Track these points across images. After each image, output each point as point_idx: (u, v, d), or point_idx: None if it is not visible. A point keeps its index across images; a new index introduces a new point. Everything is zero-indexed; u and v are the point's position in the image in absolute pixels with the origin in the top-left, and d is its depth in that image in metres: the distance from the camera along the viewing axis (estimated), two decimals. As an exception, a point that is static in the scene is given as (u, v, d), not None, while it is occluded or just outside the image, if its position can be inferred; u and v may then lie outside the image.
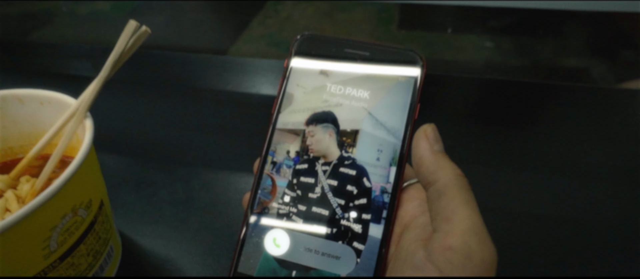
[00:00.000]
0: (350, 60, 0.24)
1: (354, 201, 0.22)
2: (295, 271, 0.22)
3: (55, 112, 0.29)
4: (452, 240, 0.17)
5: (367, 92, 0.24)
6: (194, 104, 0.54)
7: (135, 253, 0.35)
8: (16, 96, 0.30)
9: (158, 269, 0.34)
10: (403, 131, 0.23)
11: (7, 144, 0.32)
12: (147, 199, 0.41)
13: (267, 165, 0.24)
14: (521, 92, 0.55)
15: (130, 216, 0.39)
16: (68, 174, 0.22)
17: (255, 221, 0.23)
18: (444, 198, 0.19)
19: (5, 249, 0.21)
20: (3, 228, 0.19)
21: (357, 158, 0.23)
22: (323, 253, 0.22)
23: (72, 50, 0.67)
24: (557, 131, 0.49)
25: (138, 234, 0.37)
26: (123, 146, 0.48)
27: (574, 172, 0.43)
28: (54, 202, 0.22)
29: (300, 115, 0.24)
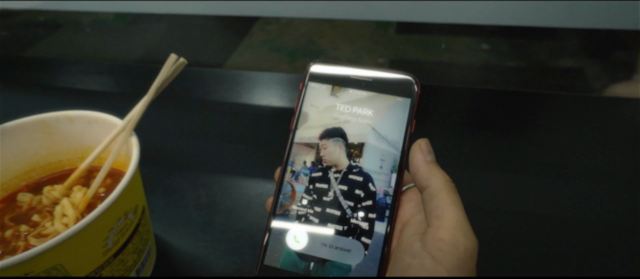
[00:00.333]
0: (356, 84, 0.28)
1: (361, 203, 0.27)
2: (312, 262, 0.26)
3: (102, 131, 0.34)
4: (443, 233, 0.22)
5: (371, 111, 0.28)
6: (211, 116, 0.59)
7: (168, 252, 0.40)
8: (67, 116, 0.35)
9: (188, 266, 0.39)
10: (402, 143, 0.27)
11: (58, 158, 0.36)
12: (175, 203, 0.45)
13: (287, 173, 0.28)
14: (511, 100, 0.59)
15: (161, 219, 0.43)
16: (123, 185, 0.27)
17: (277, 222, 0.27)
18: (436, 200, 0.23)
19: (78, 245, 0.25)
20: (81, 227, 0.24)
21: (363, 166, 0.27)
22: (336, 247, 0.26)
23: (96, 66, 0.72)
24: (546, 136, 0.52)
25: (169, 235, 0.41)
26: (151, 156, 0.52)
27: (565, 173, 0.47)
28: (113, 208, 0.26)
29: (314, 131, 0.28)
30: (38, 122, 0.34)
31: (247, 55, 1.32)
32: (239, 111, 0.59)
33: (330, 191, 0.27)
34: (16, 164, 0.35)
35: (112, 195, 0.26)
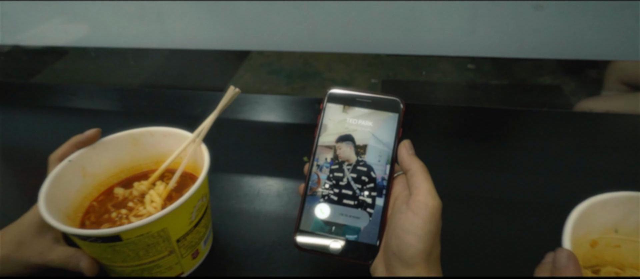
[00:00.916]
0: (360, 104, 0.41)
1: (366, 185, 0.39)
2: (333, 226, 0.38)
3: (175, 142, 0.46)
4: (419, 197, 0.34)
5: (371, 122, 0.40)
6: (230, 131, 0.71)
7: (222, 234, 0.51)
8: (149, 131, 0.47)
9: (234, 239, 0.50)
10: (392, 144, 0.39)
11: (140, 163, 0.49)
12: (225, 197, 0.57)
13: (314, 167, 0.40)
14: (491, 116, 0.71)
15: (216, 208, 0.55)
16: (203, 176, 0.39)
17: (308, 200, 0.39)
18: (414, 177, 0.35)
19: (176, 216, 0.37)
20: (180, 203, 0.36)
21: (367, 161, 0.39)
22: (349, 215, 0.38)
23: (135, 92, 0.85)
24: (523, 143, 0.65)
25: (222, 223, 0.53)
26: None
27: (538, 170, 0.59)
28: (197, 192, 0.39)
29: (332, 137, 0.41)
30: (127, 136, 0.47)
31: (247, 78, 1.45)
32: (262, 128, 0.72)
33: (344, 178, 0.39)
34: (111, 167, 0.47)
35: (197, 183, 0.38)
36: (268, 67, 1.63)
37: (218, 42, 0.80)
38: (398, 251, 0.33)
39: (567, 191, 0.47)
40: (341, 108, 0.41)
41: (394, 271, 0.33)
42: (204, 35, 0.80)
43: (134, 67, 1.33)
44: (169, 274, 0.41)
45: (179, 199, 0.37)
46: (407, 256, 0.32)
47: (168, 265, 0.41)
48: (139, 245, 0.36)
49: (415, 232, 0.32)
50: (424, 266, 0.32)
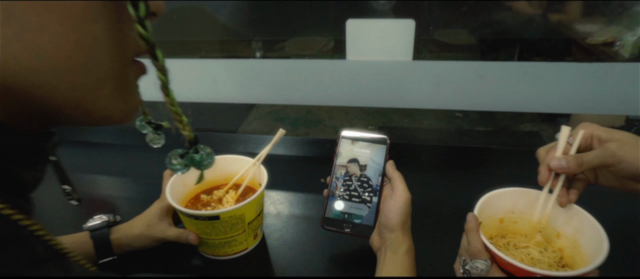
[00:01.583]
0: (362, 139, 0.65)
1: (366, 190, 0.62)
2: (346, 215, 0.61)
3: (239, 165, 0.70)
4: (397, 192, 0.57)
5: (369, 150, 0.64)
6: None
7: (269, 228, 0.74)
8: (223, 158, 0.71)
9: (279, 231, 0.73)
10: (383, 164, 0.63)
11: (217, 178, 0.72)
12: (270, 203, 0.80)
13: (333, 178, 0.64)
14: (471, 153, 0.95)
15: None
16: (264, 185, 0.63)
17: (330, 199, 0.63)
18: (395, 182, 0.59)
19: (250, 206, 0.61)
20: (254, 197, 0.60)
21: (367, 174, 0.63)
22: (355, 208, 0.61)
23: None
24: (494, 169, 0.88)
25: (268, 222, 0.76)
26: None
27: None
28: (260, 194, 0.62)
29: (344, 160, 0.65)
30: (218, 160, 0.71)
31: (256, 124, 1.70)
32: (287, 161, 0.96)
33: (352, 185, 0.63)
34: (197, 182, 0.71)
35: (261, 188, 0.62)
36: (274, 115, 1.88)
37: (228, 97, 1.04)
38: (386, 223, 0.56)
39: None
40: (350, 142, 0.65)
41: (383, 236, 0.56)
42: (221, 91, 1.05)
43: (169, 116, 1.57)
44: (241, 248, 0.64)
45: (253, 195, 0.60)
46: (390, 225, 0.55)
47: (241, 241, 0.63)
48: (227, 223, 0.60)
49: (395, 211, 0.56)
50: (400, 231, 0.55)
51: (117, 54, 0.27)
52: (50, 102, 0.26)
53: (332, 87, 0.95)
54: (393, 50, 0.87)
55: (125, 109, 0.30)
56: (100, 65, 0.26)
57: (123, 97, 0.29)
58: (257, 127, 1.62)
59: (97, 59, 0.26)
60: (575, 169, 0.49)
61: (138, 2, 0.26)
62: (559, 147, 0.51)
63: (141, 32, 0.26)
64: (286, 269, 0.65)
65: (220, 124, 1.51)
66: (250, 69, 0.97)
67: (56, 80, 0.25)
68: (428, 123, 1.70)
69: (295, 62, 0.95)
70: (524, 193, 0.56)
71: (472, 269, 0.48)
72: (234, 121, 1.53)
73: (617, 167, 0.47)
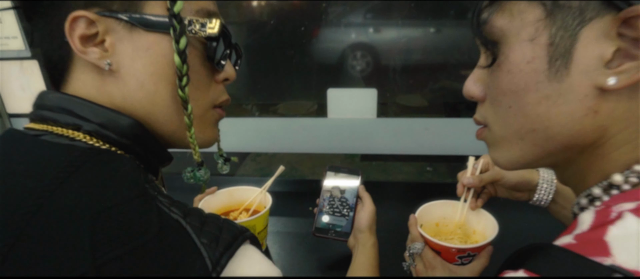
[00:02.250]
0: (342, 172, 0.91)
1: (345, 207, 0.87)
2: (330, 225, 0.86)
3: (249, 193, 0.94)
4: (366, 206, 0.82)
5: (347, 180, 0.90)
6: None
7: (270, 241, 0.96)
8: (236, 188, 0.95)
9: (278, 243, 0.95)
10: (358, 188, 0.89)
11: (232, 203, 0.96)
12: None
13: (320, 199, 0.89)
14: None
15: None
16: (269, 206, 0.87)
17: (318, 214, 0.87)
18: (364, 199, 0.84)
19: (259, 220, 0.84)
20: (262, 213, 0.84)
21: (345, 196, 0.88)
22: (337, 220, 0.86)
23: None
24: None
25: (270, 238, 0.98)
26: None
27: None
28: (267, 211, 0.86)
29: (329, 186, 0.90)
30: (227, 190, 0.94)
31: (242, 181, 1.93)
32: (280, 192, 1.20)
33: (335, 204, 0.88)
34: (219, 204, 0.94)
35: (268, 206, 0.86)
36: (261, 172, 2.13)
37: (234, 147, 1.31)
38: (358, 226, 0.81)
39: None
40: (334, 173, 0.91)
41: (356, 236, 0.81)
42: (228, 141, 1.31)
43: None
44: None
45: (263, 211, 0.84)
46: (361, 228, 0.80)
47: (253, 246, 0.86)
48: (246, 231, 0.83)
49: (365, 218, 0.81)
50: (368, 232, 0.80)
51: (202, 102, 0.51)
52: (161, 131, 0.49)
53: (316, 139, 1.22)
54: (362, 111, 1.16)
55: (205, 139, 0.55)
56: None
57: (203, 131, 0.54)
58: (249, 170, 1.87)
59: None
60: (477, 184, 0.77)
61: (219, 73, 0.51)
62: (468, 171, 0.79)
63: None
64: (285, 268, 0.88)
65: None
66: (249, 125, 1.24)
67: (162, 118, 0.48)
68: (402, 177, 1.98)
69: (288, 119, 1.22)
70: (450, 203, 0.82)
71: (413, 249, 0.73)
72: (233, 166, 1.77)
73: (502, 181, 0.75)
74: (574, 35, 0.36)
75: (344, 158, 1.95)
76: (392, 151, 1.17)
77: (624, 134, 0.37)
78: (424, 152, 1.15)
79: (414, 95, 1.57)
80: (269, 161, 2.16)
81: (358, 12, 1.33)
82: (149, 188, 0.41)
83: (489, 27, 0.42)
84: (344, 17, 1.26)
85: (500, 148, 0.46)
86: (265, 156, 2.35)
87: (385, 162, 2.18)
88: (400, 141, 1.17)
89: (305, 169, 2.07)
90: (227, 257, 0.38)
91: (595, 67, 0.36)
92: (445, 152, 1.15)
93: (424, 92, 1.43)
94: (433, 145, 1.15)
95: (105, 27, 0.44)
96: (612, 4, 0.34)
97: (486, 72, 0.44)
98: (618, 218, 0.33)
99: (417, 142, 1.16)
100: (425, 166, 2.09)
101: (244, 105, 1.33)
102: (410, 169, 2.17)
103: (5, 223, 0.35)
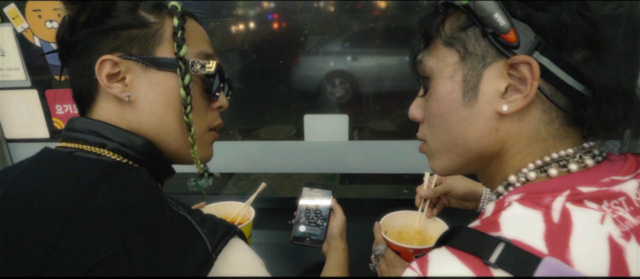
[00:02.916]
0: (316, 187, 1.03)
1: (319, 218, 0.99)
2: (306, 233, 0.97)
3: (234, 208, 1.05)
4: (337, 216, 0.94)
5: (321, 194, 1.02)
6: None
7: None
8: (222, 203, 1.06)
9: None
10: (330, 201, 1.01)
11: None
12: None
13: (297, 212, 1.01)
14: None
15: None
16: (251, 219, 0.99)
17: (296, 224, 0.99)
18: (336, 210, 0.96)
19: (245, 229, 0.95)
20: (247, 223, 0.95)
21: (319, 208, 1.00)
22: (313, 230, 0.98)
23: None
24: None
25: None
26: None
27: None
28: (251, 222, 0.97)
29: (306, 200, 1.02)
30: (214, 205, 1.05)
31: (227, 199, 2.02)
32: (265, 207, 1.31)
33: (310, 216, 1.00)
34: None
35: (250, 219, 0.97)
36: (241, 198, 2.22)
37: (220, 168, 1.42)
38: (330, 233, 0.93)
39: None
40: (309, 188, 1.04)
41: (329, 242, 0.92)
42: (215, 163, 1.42)
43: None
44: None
45: (247, 221, 0.95)
46: (333, 235, 0.92)
47: (238, 254, 0.97)
48: (232, 240, 0.94)
49: (336, 227, 0.93)
50: (339, 238, 0.92)
51: (200, 126, 0.64)
52: (168, 149, 0.61)
53: (294, 160, 1.34)
54: (335, 134, 1.29)
55: (203, 155, 0.67)
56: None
57: (202, 150, 0.66)
58: (232, 192, 1.97)
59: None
60: (432, 195, 0.90)
61: (214, 102, 0.64)
62: (425, 184, 0.92)
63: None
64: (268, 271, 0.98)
65: (213, 188, 1.86)
66: (233, 148, 1.36)
67: (169, 139, 0.61)
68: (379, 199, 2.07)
69: (268, 142, 1.35)
70: (410, 213, 0.95)
71: (377, 251, 0.85)
72: (218, 186, 1.87)
73: (452, 192, 0.89)
74: (480, 74, 0.50)
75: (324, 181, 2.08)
76: (363, 170, 1.31)
77: (517, 146, 0.51)
78: (390, 171, 1.29)
79: (384, 120, 1.72)
80: (250, 185, 2.27)
81: (336, 41, 1.47)
82: (160, 192, 0.53)
83: (422, 67, 0.55)
84: (322, 46, 1.41)
85: (435, 159, 0.59)
86: (246, 180, 2.46)
87: (363, 185, 2.31)
88: (370, 161, 1.30)
89: (285, 193, 2.18)
90: (222, 244, 0.50)
91: (495, 98, 0.50)
92: (410, 171, 1.29)
93: (393, 117, 1.57)
94: (399, 165, 1.29)
95: (126, 67, 0.56)
96: (502, 53, 0.49)
97: (423, 99, 0.58)
98: (508, 206, 0.46)
99: (385, 163, 1.29)
100: (402, 189, 2.22)
101: (229, 131, 1.45)
102: (387, 192, 2.29)
103: (53, 216, 0.46)
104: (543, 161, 0.49)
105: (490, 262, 0.40)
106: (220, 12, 1.30)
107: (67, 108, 1.33)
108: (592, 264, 0.39)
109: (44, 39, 1.26)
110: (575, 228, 0.41)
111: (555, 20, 0.46)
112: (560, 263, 0.38)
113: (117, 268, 0.43)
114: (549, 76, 0.48)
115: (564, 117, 0.49)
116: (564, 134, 0.50)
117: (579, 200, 0.43)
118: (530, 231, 0.41)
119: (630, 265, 0.39)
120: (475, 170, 0.58)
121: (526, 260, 0.39)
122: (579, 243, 0.40)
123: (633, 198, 0.44)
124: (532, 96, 0.47)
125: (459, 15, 0.51)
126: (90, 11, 0.55)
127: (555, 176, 0.48)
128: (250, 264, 0.53)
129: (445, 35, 0.52)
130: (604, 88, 0.46)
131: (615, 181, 0.45)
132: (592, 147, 0.50)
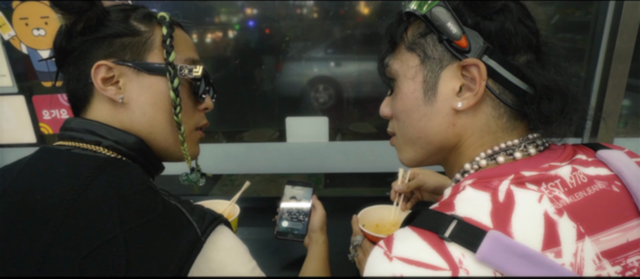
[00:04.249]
0: (298, 185, 1.09)
1: (301, 213, 1.05)
2: (289, 228, 1.03)
3: (220, 205, 1.10)
4: (317, 211, 1.00)
5: (302, 190, 1.08)
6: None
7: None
8: (210, 201, 1.11)
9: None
10: (311, 197, 1.07)
11: (203, 217, 1.11)
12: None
13: (280, 209, 1.06)
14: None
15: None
16: (237, 213, 1.04)
17: (279, 220, 1.04)
18: (316, 206, 1.02)
19: (234, 227, 1.00)
20: (234, 218, 1.00)
21: (301, 204, 1.06)
22: (295, 225, 1.03)
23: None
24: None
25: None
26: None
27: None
28: (237, 218, 1.02)
29: (288, 196, 1.07)
30: (204, 203, 1.10)
31: (222, 191, 2.08)
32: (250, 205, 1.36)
33: (293, 211, 1.06)
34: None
35: (235, 215, 1.02)
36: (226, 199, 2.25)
37: (207, 169, 1.46)
38: (311, 227, 0.98)
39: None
40: (291, 186, 1.09)
41: (310, 236, 0.98)
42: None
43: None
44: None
45: (232, 217, 1.01)
46: (314, 228, 0.98)
47: (224, 249, 1.02)
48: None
49: (317, 221, 0.99)
50: (320, 232, 0.97)
51: (188, 125, 0.70)
52: (158, 147, 0.67)
53: (277, 161, 1.40)
54: (316, 136, 1.35)
55: (191, 152, 0.72)
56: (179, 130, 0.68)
57: (190, 147, 0.72)
58: (221, 192, 2.01)
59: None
60: (406, 190, 0.96)
61: (201, 103, 0.70)
62: (399, 180, 0.99)
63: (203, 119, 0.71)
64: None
65: (200, 189, 1.90)
66: (219, 150, 1.41)
67: (160, 137, 0.66)
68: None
69: (252, 144, 1.40)
70: (386, 207, 1.02)
71: (355, 242, 0.91)
72: (205, 188, 1.91)
73: (424, 187, 0.95)
74: (437, 75, 0.57)
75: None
76: (343, 169, 1.37)
77: (471, 139, 0.58)
78: (368, 170, 1.36)
79: (364, 123, 1.79)
80: (235, 190, 2.30)
81: (319, 47, 1.54)
82: (152, 184, 0.58)
83: (389, 69, 0.62)
84: (305, 52, 1.47)
85: (402, 151, 0.66)
86: (231, 185, 2.50)
87: (347, 188, 2.37)
88: (349, 160, 1.37)
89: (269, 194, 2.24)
90: (210, 229, 0.55)
91: (451, 96, 0.56)
92: (387, 169, 1.36)
93: (372, 120, 1.64)
94: (376, 163, 1.36)
95: (120, 72, 0.61)
96: (456, 56, 0.55)
97: (391, 98, 0.65)
98: (462, 189, 0.52)
99: (363, 162, 1.36)
100: (385, 191, 2.30)
101: (214, 134, 1.49)
102: (371, 193, 2.36)
103: (56, 205, 0.51)
104: (493, 150, 0.56)
105: (445, 236, 0.46)
106: (203, 19, 1.35)
107: (54, 113, 1.36)
108: (528, 235, 0.45)
109: (31, 46, 1.29)
110: (517, 206, 0.48)
111: (500, 28, 0.54)
112: (501, 235, 0.45)
113: (116, 249, 0.48)
114: (497, 76, 0.55)
115: (511, 112, 0.56)
116: (511, 127, 0.57)
117: (521, 182, 0.50)
118: (479, 210, 0.48)
119: (561, 236, 0.46)
120: (439, 161, 0.65)
121: (474, 233, 0.45)
122: (519, 218, 0.46)
123: (567, 181, 0.51)
124: (481, 93, 0.54)
125: (420, 23, 0.58)
126: (86, 21, 0.60)
127: (503, 163, 0.55)
128: (236, 248, 0.58)
129: (407, 41, 0.59)
130: (544, 87, 0.53)
131: (553, 166, 0.52)
132: (536, 138, 0.57)
